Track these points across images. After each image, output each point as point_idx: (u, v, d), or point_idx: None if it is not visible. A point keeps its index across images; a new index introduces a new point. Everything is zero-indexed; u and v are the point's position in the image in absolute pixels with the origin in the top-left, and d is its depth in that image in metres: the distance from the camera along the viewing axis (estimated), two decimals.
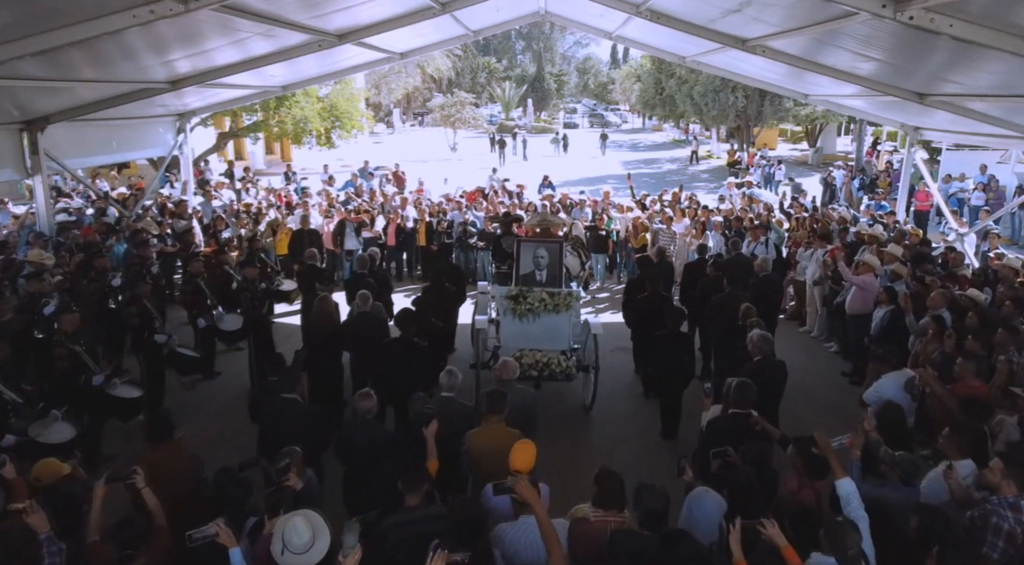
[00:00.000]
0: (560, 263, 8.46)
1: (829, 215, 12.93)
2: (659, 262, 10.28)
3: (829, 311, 10.54)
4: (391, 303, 9.59)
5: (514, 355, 8.07)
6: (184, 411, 8.21)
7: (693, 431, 7.43)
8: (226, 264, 9.73)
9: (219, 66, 9.86)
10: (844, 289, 9.92)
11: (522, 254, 8.53)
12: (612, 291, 13.90)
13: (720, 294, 8.50)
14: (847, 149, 40.84)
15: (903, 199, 13.83)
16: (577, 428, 8.14)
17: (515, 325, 8.33)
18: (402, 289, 13.54)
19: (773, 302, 9.15)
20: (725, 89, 29.79)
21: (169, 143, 13.93)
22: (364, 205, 14.52)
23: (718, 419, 5.22)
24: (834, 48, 8.71)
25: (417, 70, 47.99)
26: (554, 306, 8.28)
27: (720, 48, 10.28)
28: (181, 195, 14.30)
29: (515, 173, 31.92)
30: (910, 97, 9.55)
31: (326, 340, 7.39)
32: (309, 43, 9.70)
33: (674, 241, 12.93)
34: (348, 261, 13.39)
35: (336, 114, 19.93)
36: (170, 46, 8.05)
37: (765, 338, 6.41)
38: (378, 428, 5.08)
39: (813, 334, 11.12)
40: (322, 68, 13.71)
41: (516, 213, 13.31)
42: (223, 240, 12.25)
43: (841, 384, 9.33)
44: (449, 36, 13.74)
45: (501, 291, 8.47)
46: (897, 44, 7.60)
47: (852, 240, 11.44)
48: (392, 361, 6.79)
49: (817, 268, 10.81)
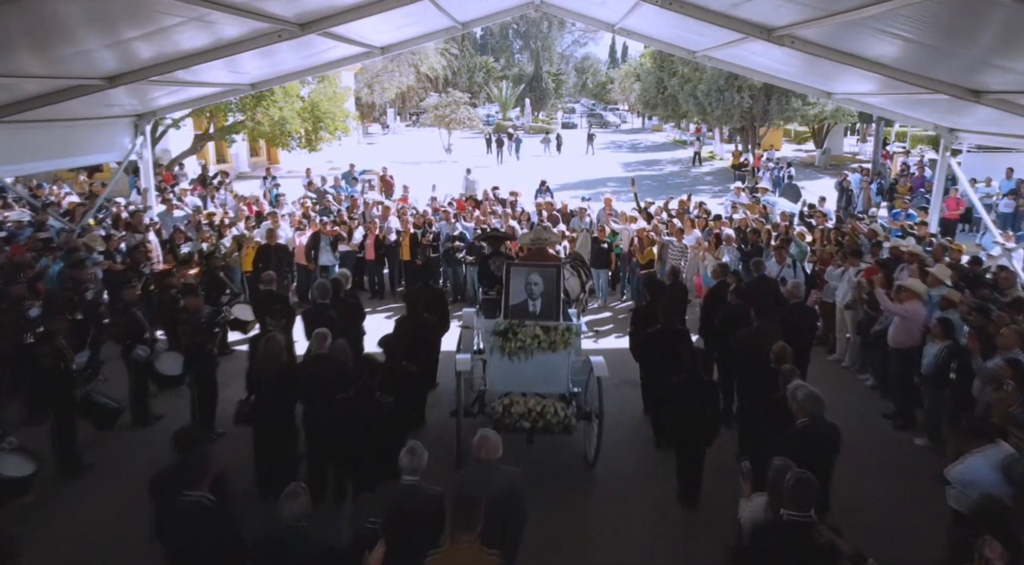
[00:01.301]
0: (557, 292, 7.14)
1: (856, 227, 11.62)
2: (672, 284, 8.96)
3: (864, 340, 9.24)
4: (362, 333, 8.28)
5: (503, 402, 6.80)
6: (104, 468, 6.93)
7: (719, 502, 6.16)
8: (173, 288, 8.42)
9: (147, 62, 8.52)
10: (883, 316, 8.64)
11: (512, 280, 7.20)
12: (615, 310, 12.59)
13: (747, 328, 7.20)
14: (853, 150, 39.64)
15: (936, 208, 12.53)
16: (576, 487, 6.83)
17: (504, 365, 7.01)
18: (383, 308, 12.23)
19: (806, 336, 7.84)
20: (730, 88, 28.49)
21: (126, 146, 12.60)
22: (343, 215, 13.19)
23: (769, 528, 3.90)
24: (875, 36, 7.42)
25: (411, 69, 46.63)
26: (550, 343, 6.96)
27: (740, 39, 8.98)
28: (141, 204, 12.98)
29: (509, 176, 30.74)
30: (963, 94, 8.24)
31: (272, 389, 6.07)
32: (266, 33, 8.39)
33: (684, 256, 11.62)
34: (322, 278, 12.06)
35: (318, 115, 18.59)
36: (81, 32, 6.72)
37: (813, 397, 5.11)
38: (310, 545, 3.70)
39: (844, 364, 9.82)
40: (296, 63, 12.40)
41: (505, 230, 12.03)
42: (181, 256, 10.95)
43: (884, 429, 8.03)
44: (434, 28, 12.42)
45: (487, 325, 7.15)
46: (950, 25, 6.33)
47: (886, 257, 10.16)
48: (348, 420, 5.49)
49: (849, 290, 9.52)
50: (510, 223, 12.70)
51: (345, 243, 12.36)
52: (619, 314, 12.36)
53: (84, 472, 6.76)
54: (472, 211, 14.14)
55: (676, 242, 11.61)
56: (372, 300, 12.84)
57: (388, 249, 12.81)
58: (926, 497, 6.24)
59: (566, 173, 31.71)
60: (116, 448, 7.32)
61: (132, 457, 7.14)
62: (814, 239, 11.87)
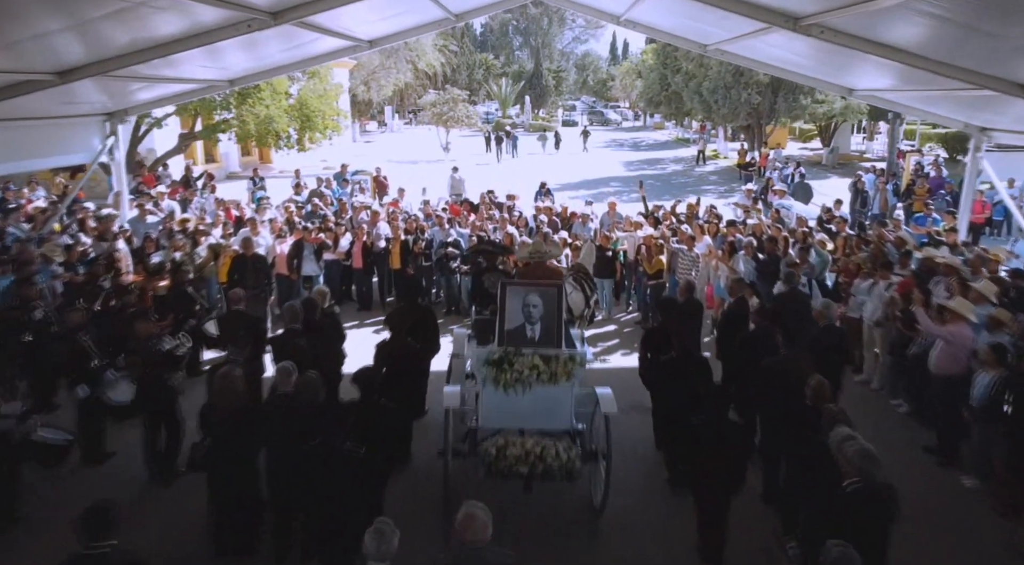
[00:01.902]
0: (559, 315, 6.29)
1: (883, 234, 10.75)
2: (686, 302, 8.07)
3: (897, 361, 8.38)
4: (341, 359, 7.41)
5: (498, 443, 5.95)
6: (44, 517, 6.07)
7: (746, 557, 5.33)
8: (130, 307, 7.56)
9: (113, 51, 7.66)
10: (921, 336, 7.78)
11: (509, 302, 6.34)
12: (620, 323, 11.73)
13: (774, 356, 6.34)
14: (860, 148, 38.75)
15: (966, 212, 11.66)
16: (580, 542, 5.98)
17: (498, 399, 6.16)
18: (371, 321, 11.36)
19: (839, 364, 6.99)
20: (737, 85, 27.61)
21: (95, 147, 11.73)
22: (329, 220, 12.32)
23: None
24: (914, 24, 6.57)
25: (408, 66, 45.69)
26: (550, 375, 6.10)
27: (761, 30, 8.11)
28: (113, 209, 12.10)
29: (508, 174, 29.89)
30: (1010, 90, 7.38)
31: (227, 432, 5.22)
32: (234, 23, 7.52)
33: (696, 265, 10.75)
34: (306, 289, 11.22)
35: (307, 113, 17.70)
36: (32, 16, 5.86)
37: (866, 455, 4.23)
38: None
39: (873, 386, 8.95)
40: (278, 58, 11.53)
41: (503, 236, 11.19)
42: (152, 267, 10.08)
43: (926, 466, 7.15)
44: (426, 20, 11.55)
45: (479, 354, 6.29)
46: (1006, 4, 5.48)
47: (918, 269, 9.31)
48: (312, 473, 4.65)
49: (879, 306, 8.66)
50: (508, 229, 11.85)
51: (331, 251, 11.50)
52: (624, 327, 11.51)
53: (16, 521, 5.92)
54: (467, 216, 13.27)
55: (687, 251, 10.74)
56: (360, 312, 12.00)
57: (377, 257, 11.96)
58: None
59: (566, 172, 30.84)
60: (65, 491, 6.45)
61: (73, 503, 6.29)
62: (835, 247, 11.00)
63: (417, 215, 12.66)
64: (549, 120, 60.63)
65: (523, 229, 12.42)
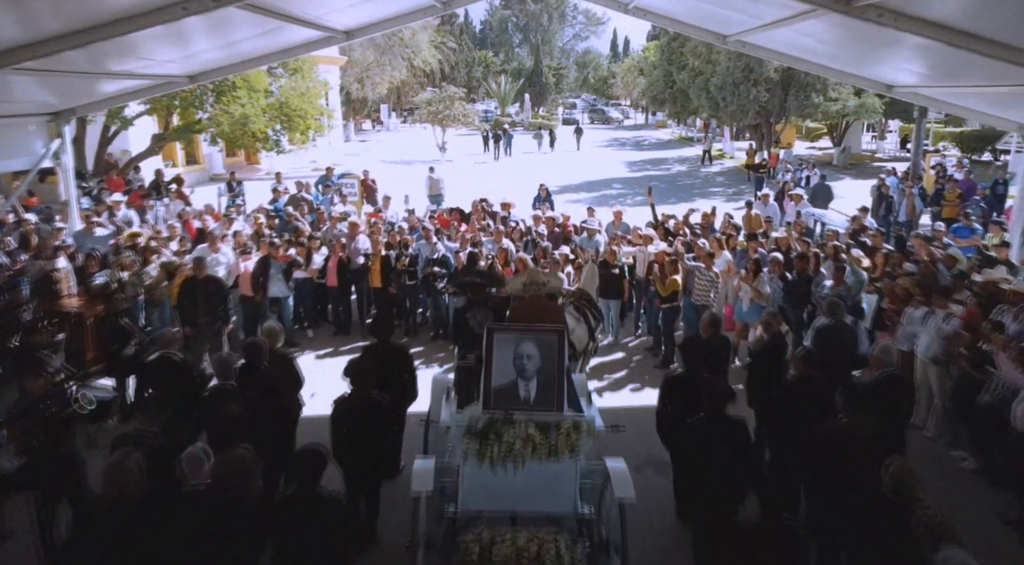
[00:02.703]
0: (560, 369, 4.98)
1: (930, 251, 9.42)
2: (710, 338, 6.73)
3: (960, 408, 7.07)
4: (295, 413, 6.11)
5: (482, 540, 4.63)
6: None
7: None
8: (42, 348, 6.25)
9: (46, 33, 6.34)
10: (994, 382, 6.48)
11: (497, 352, 5.03)
12: (628, 349, 10.40)
13: (831, 421, 5.02)
14: (871, 148, 37.39)
15: (1019, 224, 10.31)
16: None
17: (483, 477, 4.85)
18: (348, 348, 10.04)
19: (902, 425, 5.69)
20: (746, 81, 26.25)
21: (38, 151, 10.42)
22: (303, 233, 10.98)
23: None
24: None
25: (403, 62, 44.32)
26: (549, 448, 4.79)
27: (803, 14, 6.76)
28: (59, 222, 10.78)
29: (506, 174, 28.60)
30: None
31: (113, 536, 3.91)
32: (164, 6, 6.20)
33: (714, 286, 9.44)
34: (273, 313, 9.91)
35: (287, 113, 16.35)
36: None
37: None
38: None
39: (928, 434, 7.61)
40: (241, 50, 10.24)
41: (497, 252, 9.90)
42: (94, 289, 8.77)
43: (1005, 541, 5.85)
44: (410, 8, 10.23)
45: (459, 421, 4.98)
46: None
47: (978, 295, 7.99)
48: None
49: (936, 340, 7.33)
50: (503, 243, 10.53)
51: (302, 269, 10.18)
52: (633, 355, 10.18)
53: None
54: (458, 227, 11.94)
55: (704, 269, 9.42)
56: (336, 336, 10.69)
57: (355, 274, 10.65)
58: None
59: (566, 173, 29.52)
60: None
61: None
62: (873, 265, 9.66)
63: (402, 227, 11.31)
64: (549, 118, 59.26)
65: (519, 243, 11.10)
